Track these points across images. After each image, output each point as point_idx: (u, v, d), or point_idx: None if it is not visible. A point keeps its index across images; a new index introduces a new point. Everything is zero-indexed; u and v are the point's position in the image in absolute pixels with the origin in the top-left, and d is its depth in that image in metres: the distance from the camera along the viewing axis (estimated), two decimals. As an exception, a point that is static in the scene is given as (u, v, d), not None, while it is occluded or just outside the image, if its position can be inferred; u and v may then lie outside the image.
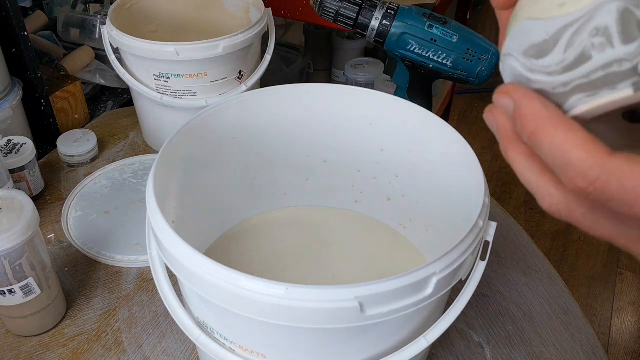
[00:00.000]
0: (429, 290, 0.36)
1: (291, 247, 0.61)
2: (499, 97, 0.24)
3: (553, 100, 0.22)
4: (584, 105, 0.21)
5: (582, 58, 0.20)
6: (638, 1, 0.19)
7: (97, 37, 1.03)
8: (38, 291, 0.53)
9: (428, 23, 0.62)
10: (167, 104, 0.73)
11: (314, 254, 0.60)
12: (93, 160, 0.80)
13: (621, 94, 0.19)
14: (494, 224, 0.41)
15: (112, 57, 0.74)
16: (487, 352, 0.55)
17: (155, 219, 0.40)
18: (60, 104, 0.88)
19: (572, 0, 0.20)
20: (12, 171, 0.67)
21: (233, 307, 0.35)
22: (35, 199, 0.72)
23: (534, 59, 0.22)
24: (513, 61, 0.23)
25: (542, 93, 0.22)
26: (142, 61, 0.71)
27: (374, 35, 0.64)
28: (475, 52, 0.62)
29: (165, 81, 0.71)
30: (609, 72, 0.20)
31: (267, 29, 0.76)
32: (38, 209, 0.52)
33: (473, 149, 0.47)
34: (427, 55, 0.63)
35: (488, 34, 2.53)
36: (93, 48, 1.02)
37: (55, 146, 0.79)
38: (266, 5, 0.77)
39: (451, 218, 0.51)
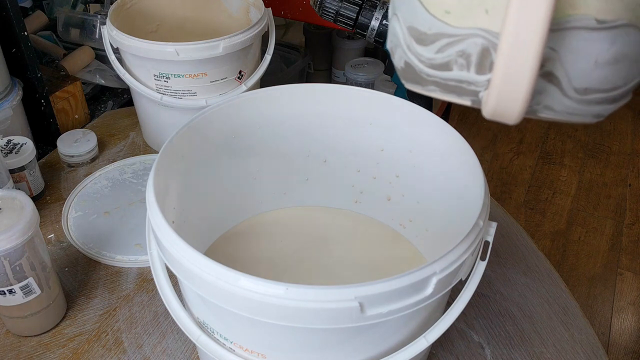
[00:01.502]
0: (429, 290, 0.36)
1: (291, 247, 0.61)
2: None
3: (413, 73, 0.26)
4: (436, 94, 0.26)
5: (446, 66, 0.25)
6: (496, 46, 0.22)
7: (97, 37, 1.03)
8: (38, 291, 0.53)
9: (428, 23, 0.62)
10: (167, 104, 0.73)
11: (314, 254, 0.60)
12: (93, 160, 0.80)
13: (463, 101, 0.26)
14: (494, 224, 0.41)
15: (112, 57, 0.74)
16: (487, 352, 0.55)
17: (155, 219, 0.40)
18: (60, 104, 0.88)
19: (456, 14, 0.23)
20: (12, 171, 0.67)
21: (233, 307, 0.35)
22: (35, 199, 0.72)
23: (413, 41, 0.25)
24: (397, 28, 0.27)
25: (409, 64, 0.26)
26: (142, 61, 0.71)
27: (374, 35, 0.64)
28: (475, 52, 0.62)
29: (165, 81, 0.71)
30: (459, 85, 0.25)
31: (267, 29, 0.76)
32: (38, 209, 0.52)
33: (473, 149, 0.47)
34: (427, 55, 0.63)
35: (488, 34, 2.49)
36: (93, 48, 1.02)
37: (55, 146, 0.79)
38: (266, 5, 0.77)
39: (451, 218, 0.51)
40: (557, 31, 0.22)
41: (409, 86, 0.27)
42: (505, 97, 0.22)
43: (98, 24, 1.02)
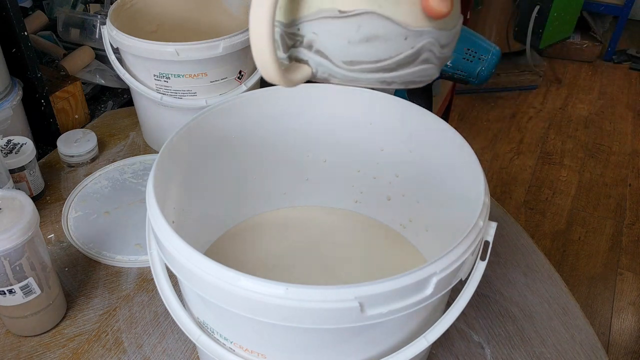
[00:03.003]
0: (429, 290, 0.36)
1: (291, 247, 0.61)
2: None
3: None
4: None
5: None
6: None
7: (97, 37, 1.03)
8: (38, 291, 0.53)
9: (428, 23, 0.62)
10: (167, 104, 0.73)
11: (314, 254, 0.60)
12: (93, 160, 0.80)
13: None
14: (494, 224, 0.41)
15: (112, 57, 0.74)
16: (487, 352, 0.55)
17: (155, 219, 0.40)
18: (60, 104, 0.88)
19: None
20: (12, 171, 0.67)
21: (233, 307, 0.35)
22: (35, 199, 0.72)
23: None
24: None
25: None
26: (142, 61, 0.71)
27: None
28: (475, 52, 0.62)
29: (165, 81, 0.71)
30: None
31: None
32: (38, 209, 0.52)
33: (473, 149, 0.47)
34: (427, 55, 0.63)
35: (488, 34, 2.52)
36: (93, 48, 1.02)
37: (55, 146, 0.79)
38: (266, 5, 0.77)
39: (451, 218, 0.51)
40: (314, 20, 0.29)
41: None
42: (263, 63, 0.29)
43: (98, 24, 1.02)
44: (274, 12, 0.27)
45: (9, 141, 0.69)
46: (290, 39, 0.31)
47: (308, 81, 0.33)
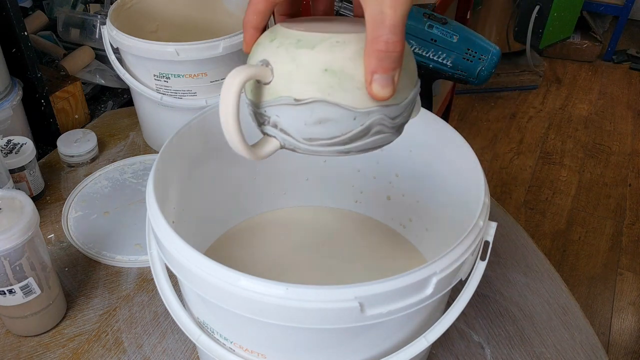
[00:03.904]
0: (429, 290, 0.36)
1: (291, 247, 0.61)
2: None
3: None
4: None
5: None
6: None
7: (97, 37, 1.03)
8: (38, 291, 0.53)
9: (428, 23, 0.62)
10: (167, 104, 0.73)
11: (314, 254, 0.60)
12: (93, 160, 0.80)
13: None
14: (494, 224, 0.41)
15: (112, 57, 0.74)
16: (487, 352, 0.55)
17: (155, 219, 0.40)
18: (60, 104, 0.88)
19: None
20: (12, 171, 0.67)
21: (233, 307, 0.35)
22: (35, 199, 0.72)
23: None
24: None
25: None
26: (142, 61, 0.71)
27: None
28: (475, 52, 0.62)
29: (165, 81, 0.71)
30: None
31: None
32: (38, 209, 0.52)
33: (473, 149, 0.47)
34: (427, 55, 0.63)
35: (488, 34, 2.52)
36: (93, 48, 1.02)
37: (55, 146, 0.79)
38: (266, 5, 0.77)
39: (451, 218, 0.51)
40: (276, 105, 0.34)
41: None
42: (232, 142, 0.34)
43: (98, 24, 1.02)
44: (238, 99, 0.32)
45: (9, 141, 0.69)
46: (260, 118, 0.36)
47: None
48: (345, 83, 0.32)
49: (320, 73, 0.32)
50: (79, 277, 0.62)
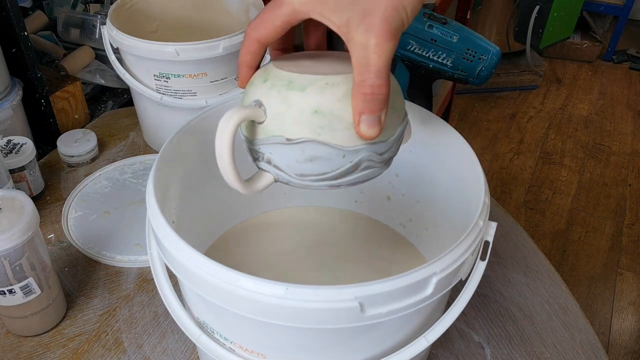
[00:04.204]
0: (429, 290, 0.36)
1: (291, 247, 0.61)
2: None
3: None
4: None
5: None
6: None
7: (97, 37, 1.03)
8: (38, 291, 0.53)
9: (428, 23, 0.62)
10: (167, 104, 0.73)
11: (314, 254, 0.60)
12: (93, 160, 0.80)
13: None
14: (494, 224, 0.41)
15: (112, 57, 0.74)
16: (487, 352, 0.55)
17: (155, 219, 0.40)
18: (60, 104, 0.88)
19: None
20: (12, 171, 0.67)
21: (233, 307, 0.35)
22: (35, 199, 0.72)
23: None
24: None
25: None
26: (142, 61, 0.71)
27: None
28: (475, 52, 0.62)
29: (165, 81, 0.71)
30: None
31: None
32: (38, 209, 0.52)
33: (473, 149, 0.47)
34: (427, 55, 0.63)
35: (488, 34, 2.52)
36: (93, 48, 1.02)
37: (55, 146, 0.79)
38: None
39: (451, 218, 0.51)
40: (269, 144, 0.36)
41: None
42: (227, 178, 0.36)
43: (98, 24, 1.02)
44: (233, 140, 0.34)
45: (9, 141, 0.69)
46: (255, 154, 0.38)
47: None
48: (334, 124, 0.34)
49: (310, 114, 0.34)
50: (79, 277, 0.62)
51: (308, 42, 0.41)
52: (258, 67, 0.38)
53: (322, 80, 0.34)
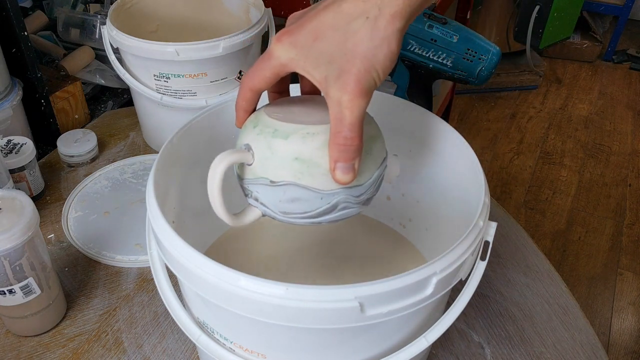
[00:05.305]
0: (429, 290, 0.36)
1: (291, 247, 0.61)
2: None
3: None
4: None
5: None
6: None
7: (97, 37, 1.03)
8: (38, 291, 0.53)
9: (428, 23, 0.62)
10: (167, 104, 0.73)
11: (313, 254, 0.60)
12: (93, 160, 0.80)
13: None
14: (494, 224, 0.41)
15: (112, 57, 0.74)
16: (487, 352, 0.55)
17: (155, 219, 0.40)
18: (60, 104, 0.88)
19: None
20: (12, 171, 0.67)
21: (233, 307, 0.35)
22: (35, 199, 0.72)
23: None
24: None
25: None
26: (142, 61, 0.71)
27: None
28: (475, 52, 0.62)
29: (165, 81, 0.71)
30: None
31: (267, 29, 0.76)
32: (38, 209, 0.52)
33: (473, 149, 0.47)
34: (427, 55, 0.63)
35: (488, 34, 2.52)
36: (93, 48, 1.02)
37: (55, 146, 0.79)
38: (266, 5, 0.77)
39: (451, 218, 0.51)
40: (256, 184, 0.39)
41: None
42: (217, 212, 0.40)
43: (98, 24, 1.02)
44: (221, 180, 0.38)
45: (9, 141, 0.69)
46: (245, 190, 0.41)
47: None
48: (312, 169, 0.37)
49: (291, 160, 0.37)
50: (79, 277, 0.62)
51: (302, 86, 0.44)
52: (254, 110, 0.42)
53: (303, 129, 0.38)
